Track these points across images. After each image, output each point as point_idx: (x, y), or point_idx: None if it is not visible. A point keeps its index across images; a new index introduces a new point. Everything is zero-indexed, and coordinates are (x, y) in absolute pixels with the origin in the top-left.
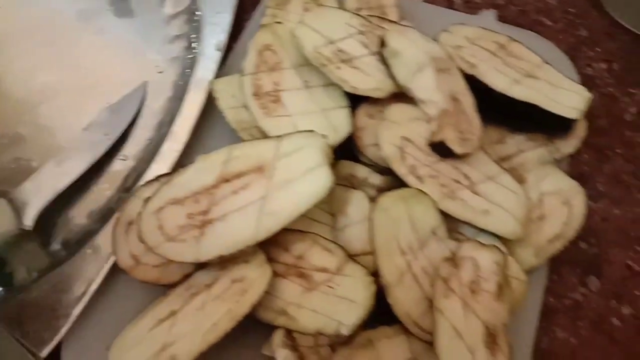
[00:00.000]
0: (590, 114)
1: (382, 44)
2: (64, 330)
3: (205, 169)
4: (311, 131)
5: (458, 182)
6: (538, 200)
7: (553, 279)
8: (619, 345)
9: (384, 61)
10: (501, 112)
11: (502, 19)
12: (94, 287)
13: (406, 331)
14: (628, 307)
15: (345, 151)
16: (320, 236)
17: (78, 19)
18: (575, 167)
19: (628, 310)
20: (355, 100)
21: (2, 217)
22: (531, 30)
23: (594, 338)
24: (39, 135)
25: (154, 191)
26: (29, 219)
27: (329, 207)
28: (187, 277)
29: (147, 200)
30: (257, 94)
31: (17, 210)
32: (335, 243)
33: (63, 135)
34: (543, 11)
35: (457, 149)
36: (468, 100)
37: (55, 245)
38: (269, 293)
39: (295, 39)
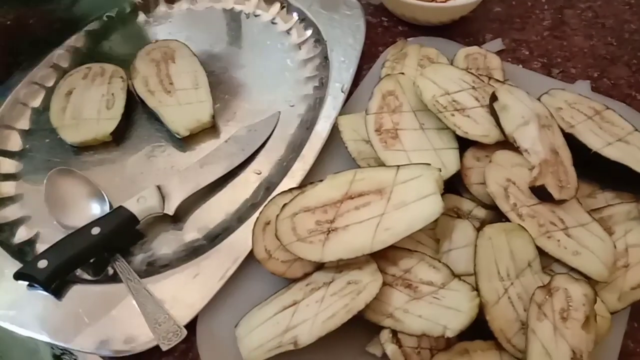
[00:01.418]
0: None
1: (494, 98)
2: (201, 306)
3: (334, 186)
4: (427, 164)
5: (554, 224)
6: (624, 250)
7: (634, 326)
8: None
9: (492, 113)
10: (594, 169)
11: (596, 89)
12: (230, 272)
13: (499, 347)
14: None
15: (448, 187)
16: (427, 255)
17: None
18: None
19: None
20: (462, 145)
21: (152, 200)
22: (623, 102)
23: None
24: None
25: (289, 199)
26: (172, 206)
27: (433, 232)
28: (306, 275)
29: (284, 206)
30: (378, 130)
31: (164, 197)
32: (441, 262)
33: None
34: (634, 86)
35: (556, 194)
36: (566, 154)
37: (196, 235)
38: (377, 298)
39: (417, 88)
